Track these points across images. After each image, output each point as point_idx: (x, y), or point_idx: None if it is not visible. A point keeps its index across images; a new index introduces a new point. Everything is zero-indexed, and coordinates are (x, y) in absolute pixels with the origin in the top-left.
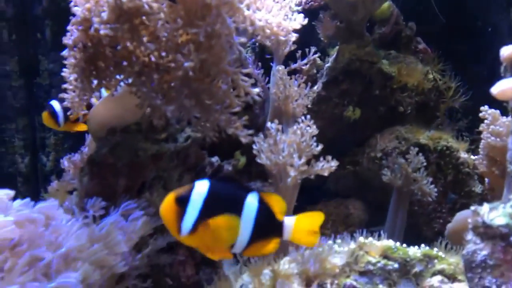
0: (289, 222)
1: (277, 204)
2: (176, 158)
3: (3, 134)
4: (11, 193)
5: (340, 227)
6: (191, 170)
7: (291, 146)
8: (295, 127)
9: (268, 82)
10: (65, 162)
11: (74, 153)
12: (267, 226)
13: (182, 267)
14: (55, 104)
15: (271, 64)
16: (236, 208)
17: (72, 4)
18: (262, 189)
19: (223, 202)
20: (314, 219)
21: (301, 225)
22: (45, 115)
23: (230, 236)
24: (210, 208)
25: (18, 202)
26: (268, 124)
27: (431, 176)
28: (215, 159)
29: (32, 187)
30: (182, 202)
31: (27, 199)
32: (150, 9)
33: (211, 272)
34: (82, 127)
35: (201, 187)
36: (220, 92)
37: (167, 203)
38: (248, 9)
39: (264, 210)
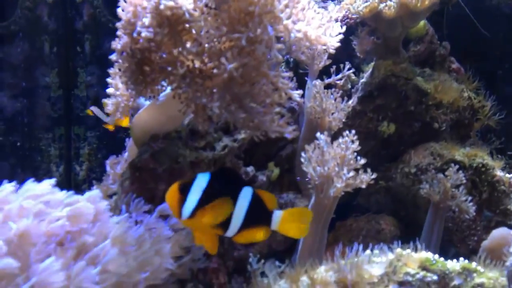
0: (278, 213)
1: (269, 198)
2: (213, 166)
3: (40, 143)
4: (52, 181)
5: (371, 242)
6: None
7: (336, 158)
8: (340, 140)
9: (303, 96)
10: (107, 166)
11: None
12: (258, 214)
13: (215, 274)
14: None
15: (306, 78)
16: (232, 197)
17: (119, 9)
18: (294, 201)
19: (220, 192)
20: (302, 214)
21: (289, 218)
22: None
23: (222, 215)
24: (208, 197)
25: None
26: (318, 134)
27: (466, 193)
28: (250, 168)
29: None
30: (184, 191)
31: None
32: (191, 17)
33: (243, 281)
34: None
35: (202, 179)
36: (261, 94)
37: (171, 191)
38: (288, 19)
39: (256, 201)
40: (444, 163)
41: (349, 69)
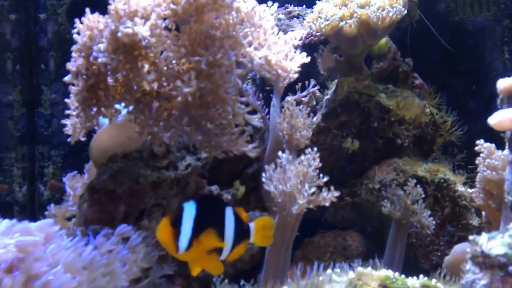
0: (252, 226)
1: (242, 213)
2: (176, 186)
3: (2, 163)
4: None
5: (338, 258)
6: (190, 198)
7: (299, 176)
8: (302, 157)
9: (268, 113)
10: (66, 187)
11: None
12: (240, 231)
13: None
14: None
15: (271, 95)
16: (219, 221)
17: (74, 31)
18: None
19: (208, 218)
20: (267, 221)
21: (259, 228)
22: None
23: (216, 238)
24: (199, 225)
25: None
26: (280, 153)
27: (428, 209)
28: (214, 187)
29: (28, 216)
30: (176, 224)
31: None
32: (147, 43)
33: None
34: None
35: (190, 209)
36: (218, 117)
37: (163, 227)
38: (250, 46)
39: (237, 219)
40: (407, 179)
41: (314, 86)
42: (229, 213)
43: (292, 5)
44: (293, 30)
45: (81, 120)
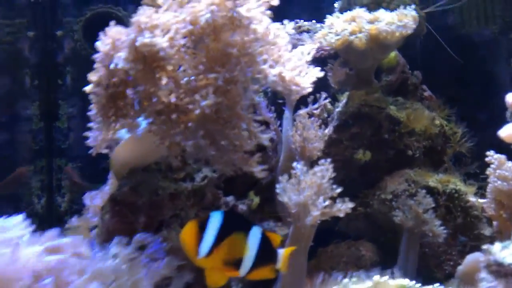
0: (281, 253)
1: (274, 238)
2: (193, 197)
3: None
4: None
5: (351, 268)
6: (207, 209)
7: (313, 187)
8: (316, 168)
9: (280, 125)
10: (86, 200)
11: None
12: (266, 253)
13: None
14: None
15: (283, 108)
16: (244, 235)
17: (98, 42)
18: (275, 229)
19: (233, 230)
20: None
21: (288, 257)
22: None
23: (237, 252)
24: (223, 235)
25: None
26: (295, 164)
27: (440, 219)
28: (230, 198)
29: (47, 227)
30: (201, 229)
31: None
32: (166, 54)
33: None
34: None
35: (217, 217)
36: (233, 134)
37: (188, 229)
38: (265, 63)
39: (265, 240)
40: (418, 189)
41: (325, 99)
42: (256, 232)
43: (302, 20)
44: (303, 44)
45: (101, 132)
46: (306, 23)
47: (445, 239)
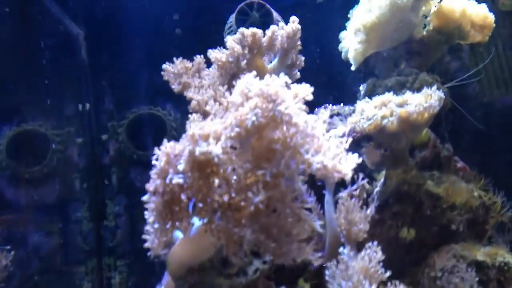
0: None
1: None
2: None
3: (74, 277)
4: None
5: None
6: None
7: (361, 272)
8: (363, 253)
9: (321, 208)
10: None
11: None
12: None
13: None
14: None
15: (323, 192)
16: None
17: (153, 157)
18: None
19: None
20: None
21: None
22: None
23: None
24: None
25: None
26: (341, 249)
27: None
28: None
29: None
30: None
31: None
32: (219, 160)
33: None
34: None
35: None
36: (287, 225)
37: None
38: (307, 153)
39: None
40: (468, 265)
41: (362, 179)
42: None
43: (330, 104)
44: (335, 128)
45: (157, 234)
46: (335, 107)
47: None
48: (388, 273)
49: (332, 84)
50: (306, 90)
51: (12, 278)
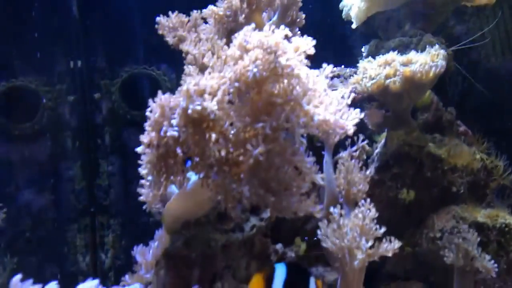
0: None
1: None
2: (243, 247)
3: (66, 235)
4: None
5: None
6: (257, 258)
7: (355, 229)
8: (356, 210)
9: (320, 169)
10: (138, 256)
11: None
12: None
13: None
14: None
15: (322, 152)
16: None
17: (147, 110)
18: (324, 274)
19: (297, 283)
20: None
21: None
22: None
23: None
24: (289, 287)
25: None
26: (331, 209)
27: (493, 254)
28: (279, 246)
29: None
30: (268, 282)
31: None
32: (215, 116)
33: None
34: None
35: (281, 270)
36: (287, 178)
37: (256, 282)
38: (309, 104)
39: None
40: (468, 226)
41: (363, 141)
42: (312, 282)
43: (331, 65)
44: (336, 89)
45: (152, 187)
46: (336, 68)
47: (500, 274)
48: (382, 229)
49: (333, 45)
50: (307, 44)
51: (4, 235)
